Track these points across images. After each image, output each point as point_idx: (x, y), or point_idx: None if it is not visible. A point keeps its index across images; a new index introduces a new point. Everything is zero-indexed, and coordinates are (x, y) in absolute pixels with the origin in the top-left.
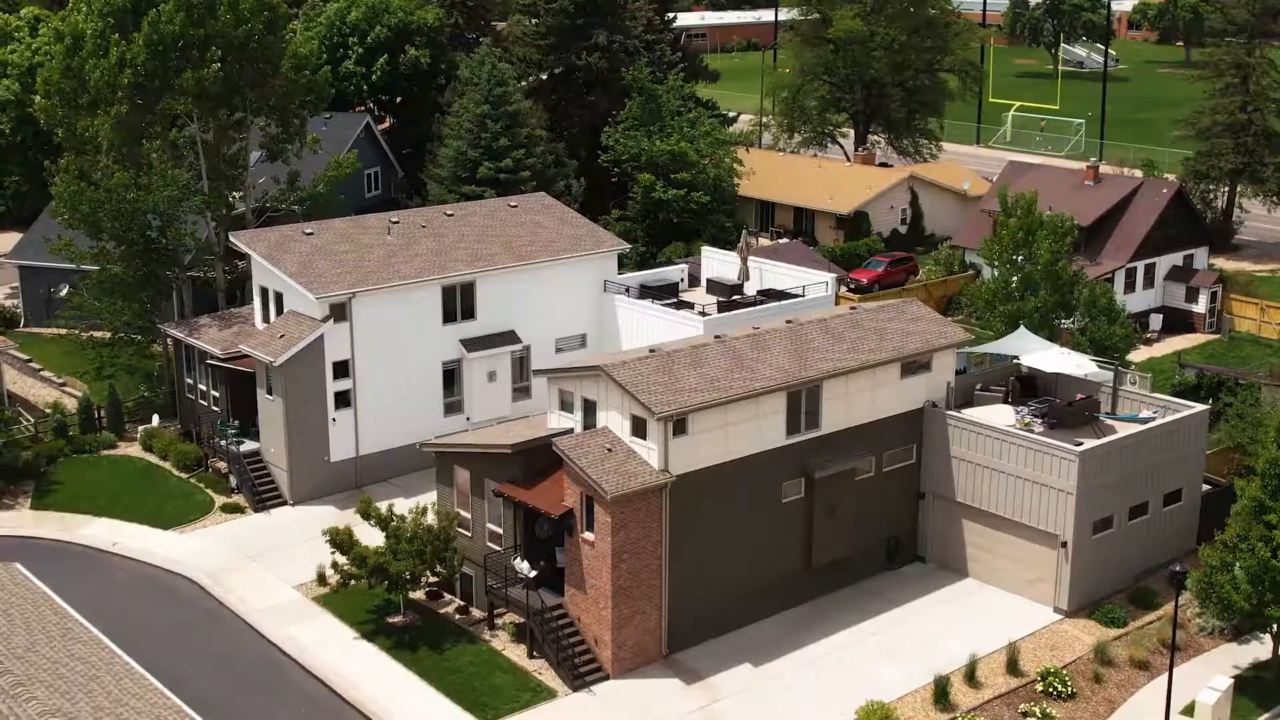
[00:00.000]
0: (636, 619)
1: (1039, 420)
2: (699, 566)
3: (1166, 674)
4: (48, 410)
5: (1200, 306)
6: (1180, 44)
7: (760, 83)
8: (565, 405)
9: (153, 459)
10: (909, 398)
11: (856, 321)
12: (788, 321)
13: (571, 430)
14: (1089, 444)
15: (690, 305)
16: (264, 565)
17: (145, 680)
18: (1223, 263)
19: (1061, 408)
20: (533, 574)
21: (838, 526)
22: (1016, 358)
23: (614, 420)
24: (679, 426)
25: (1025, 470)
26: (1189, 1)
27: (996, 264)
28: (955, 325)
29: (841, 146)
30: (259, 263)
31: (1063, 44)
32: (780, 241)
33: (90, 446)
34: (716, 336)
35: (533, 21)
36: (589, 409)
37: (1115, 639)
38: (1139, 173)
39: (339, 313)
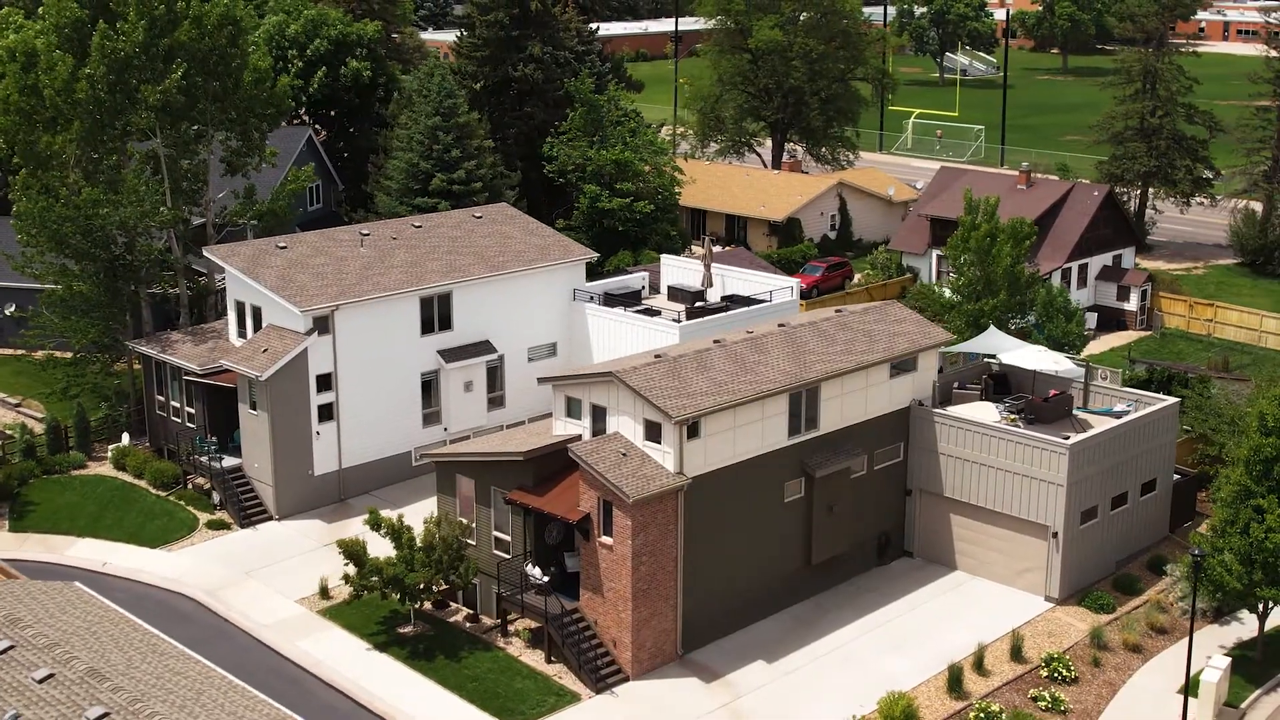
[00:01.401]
0: (654, 620)
1: (1016, 416)
2: (710, 567)
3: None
4: (10, 432)
5: (1132, 304)
6: (1056, 51)
7: (675, 93)
8: (572, 412)
9: (127, 478)
10: (897, 397)
11: (845, 324)
12: (780, 325)
13: (579, 436)
14: (1078, 437)
15: (657, 312)
16: (262, 581)
17: (249, 693)
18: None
19: (1038, 404)
20: (544, 579)
21: (836, 524)
22: (992, 356)
23: (625, 425)
24: (692, 430)
25: (1015, 464)
26: (1066, 10)
27: (961, 267)
28: (937, 326)
29: (758, 155)
30: (236, 277)
31: (945, 52)
32: (714, 248)
33: (60, 467)
34: (716, 341)
35: (465, 34)
36: (598, 415)
37: (1107, 624)
38: (1055, 177)
39: (322, 325)
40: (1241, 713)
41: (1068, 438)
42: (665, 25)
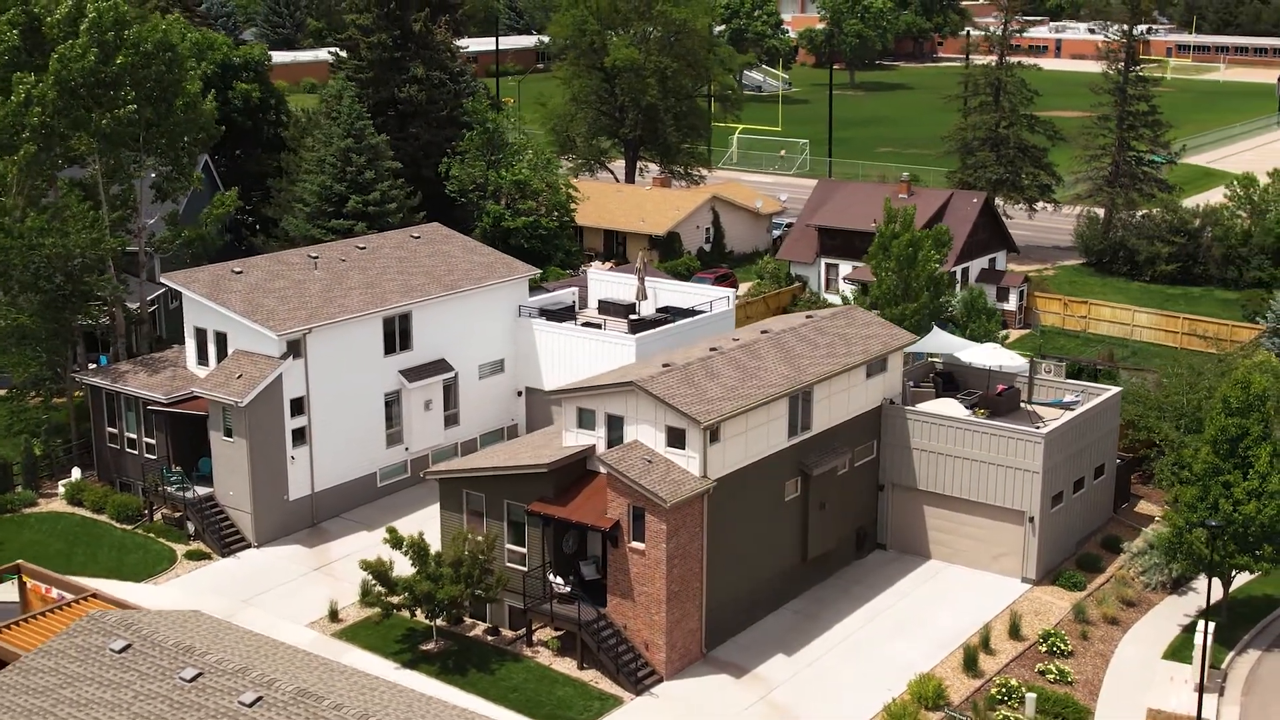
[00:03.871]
0: (683, 621)
1: (977, 410)
2: (726, 566)
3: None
4: None
5: (1011, 304)
6: (840, 67)
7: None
8: (584, 422)
9: (85, 513)
10: (871, 397)
11: (821, 329)
12: (763, 332)
13: (594, 446)
14: (1050, 426)
15: (599, 326)
16: (262, 608)
17: (453, 707)
18: None
19: (992, 398)
20: (566, 588)
21: (827, 520)
22: (936, 356)
23: (645, 433)
24: (713, 434)
25: (990, 455)
26: (854, 28)
27: (881, 274)
28: (901, 329)
29: (611, 172)
30: (198, 302)
31: (742, 69)
32: (598, 264)
33: (12, 506)
34: (712, 348)
35: (349, 56)
36: (614, 424)
37: (1083, 600)
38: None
39: (295, 349)
40: (1224, 673)
41: (1039, 427)
42: (467, 45)
